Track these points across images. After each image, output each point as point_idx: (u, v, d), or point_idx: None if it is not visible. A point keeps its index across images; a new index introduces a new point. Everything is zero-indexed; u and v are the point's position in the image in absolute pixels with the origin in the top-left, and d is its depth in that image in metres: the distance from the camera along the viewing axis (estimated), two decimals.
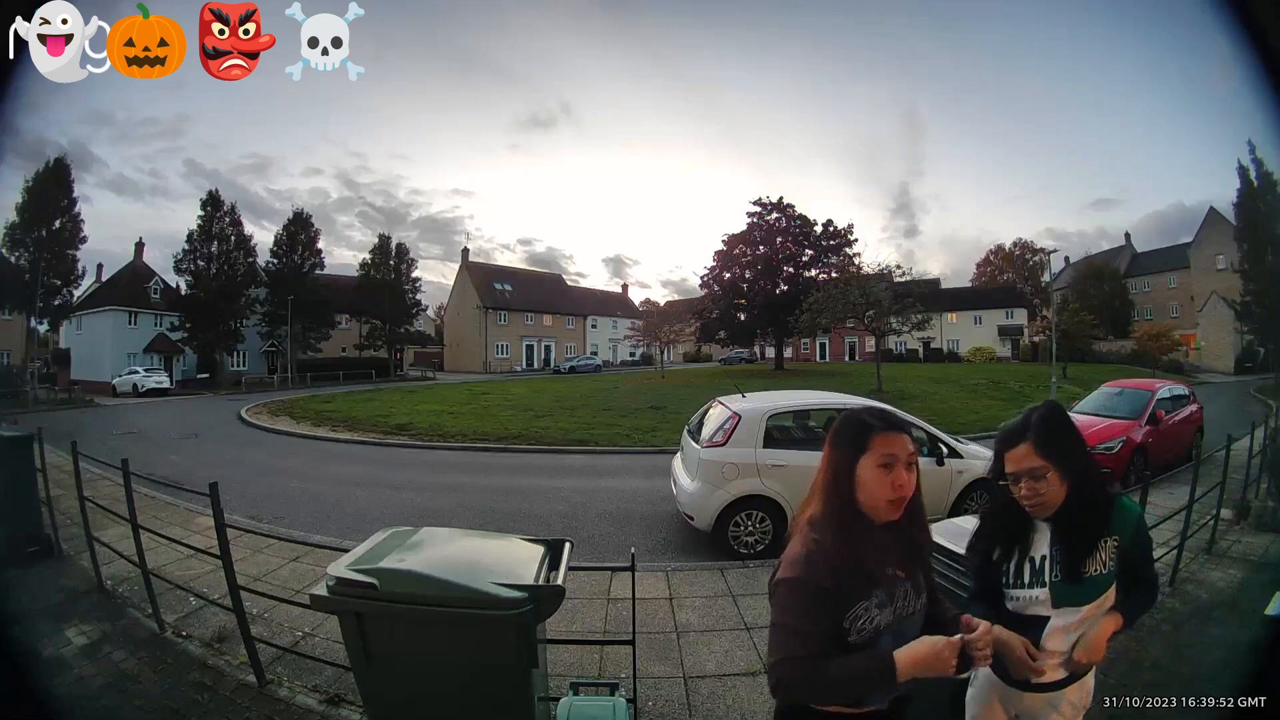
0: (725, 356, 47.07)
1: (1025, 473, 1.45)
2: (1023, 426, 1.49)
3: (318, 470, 9.53)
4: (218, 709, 2.84)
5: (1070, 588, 1.45)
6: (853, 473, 1.26)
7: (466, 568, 1.97)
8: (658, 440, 11.30)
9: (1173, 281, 42.87)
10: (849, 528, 1.23)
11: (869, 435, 1.26)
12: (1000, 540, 1.56)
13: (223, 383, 32.51)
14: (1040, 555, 1.49)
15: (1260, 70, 1.07)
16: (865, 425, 1.28)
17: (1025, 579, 1.50)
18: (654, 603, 4.10)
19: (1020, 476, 1.46)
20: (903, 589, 1.27)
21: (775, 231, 35.73)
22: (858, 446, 1.26)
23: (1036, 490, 1.44)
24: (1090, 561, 1.44)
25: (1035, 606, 1.48)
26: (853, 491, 1.25)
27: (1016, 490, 1.47)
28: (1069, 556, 1.45)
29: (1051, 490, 1.44)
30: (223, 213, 33.36)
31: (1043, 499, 1.44)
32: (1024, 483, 1.45)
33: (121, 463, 3.72)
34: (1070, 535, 1.46)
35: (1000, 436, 1.54)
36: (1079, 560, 1.45)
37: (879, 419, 1.29)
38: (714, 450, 5.20)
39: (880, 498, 1.23)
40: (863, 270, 29.38)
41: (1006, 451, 1.49)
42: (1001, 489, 1.54)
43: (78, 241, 28.56)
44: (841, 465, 1.27)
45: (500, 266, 53.50)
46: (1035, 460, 1.44)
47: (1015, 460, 1.47)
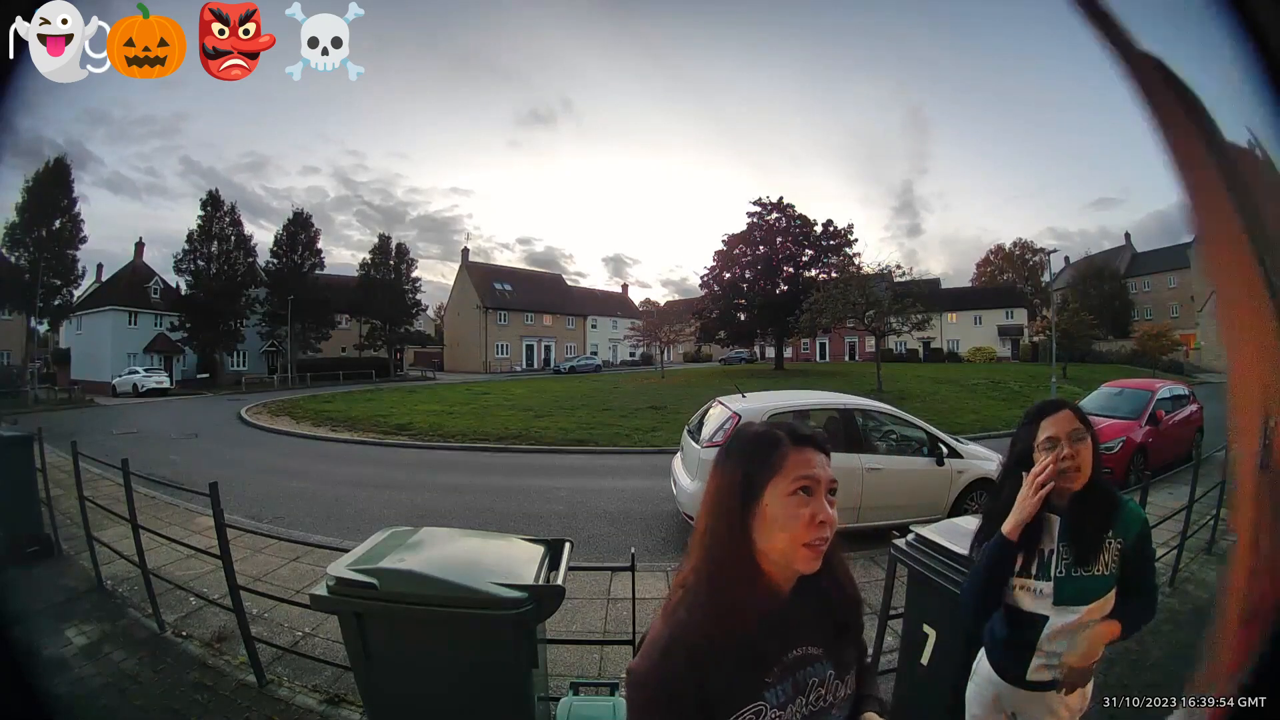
0: (725, 356, 47.07)
1: (1068, 435, 1.44)
2: (1056, 401, 1.51)
3: (318, 470, 9.53)
4: (218, 709, 2.84)
5: (1074, 584, 1.45)
6: (750, 507, 0.89)
7: (466, 568, 1.97)
8: (658, 440, 11.31)
9: (1173, 281, 42.92)
10: (736, 589, 0.87)
11: (777, 452, 0.90)
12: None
13: (223, 383, 32.53)
14: (1048, 549, 1.48)
15: (1260, 70, 1.07)
16: (772, 441, 0.92)
17: (1032, 571, 1.49)
18: (654, 603, 4.10)
19: (1060, 440, 1.44)
20: (817, 675, 0.92)
21: (775, 231, 35.73)
22: (762, 467, 0.90)
23: (1078, 453, 1.43)
24: (1095, 559, 1.44)
25: (1037, 602, 1.48)
26: (747, 534, 0.88)
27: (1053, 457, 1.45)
28: (1078, 549, 1.45)
29: (1086, 460, 1.44)
30: (223, 213, 33.43)
31: (1080, 467, 1.43)
32: (1065, 445, 1.44)
33: (121, 463, 3.72)
34: (1082, 526, 1.45)
35: (1032, 412, 1.54)
36: (1087, 554, 1.44)
37: (789, 431, 0.94)
38: (714, 450, 5.20)
39: (791, 540, 0.87)
40: (863, 270, 29.38)
41: (1046, 418, 1.48)
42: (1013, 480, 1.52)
43: (78, 241, 28.66)
44: (733, 497, 0.90)
45: (500, 266, 53.56)
46: (1076, 422, 1.45)
47: (1058, 423, 1.46)
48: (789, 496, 0.88)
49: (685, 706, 0.81)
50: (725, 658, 0.84)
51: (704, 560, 0.90)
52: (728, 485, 0.91)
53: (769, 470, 0.89)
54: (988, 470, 5.63)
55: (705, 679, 0.82)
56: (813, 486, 0.89)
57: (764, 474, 0.89)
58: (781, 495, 0.88)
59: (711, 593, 0.87)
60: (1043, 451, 1.47)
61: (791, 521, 0.87)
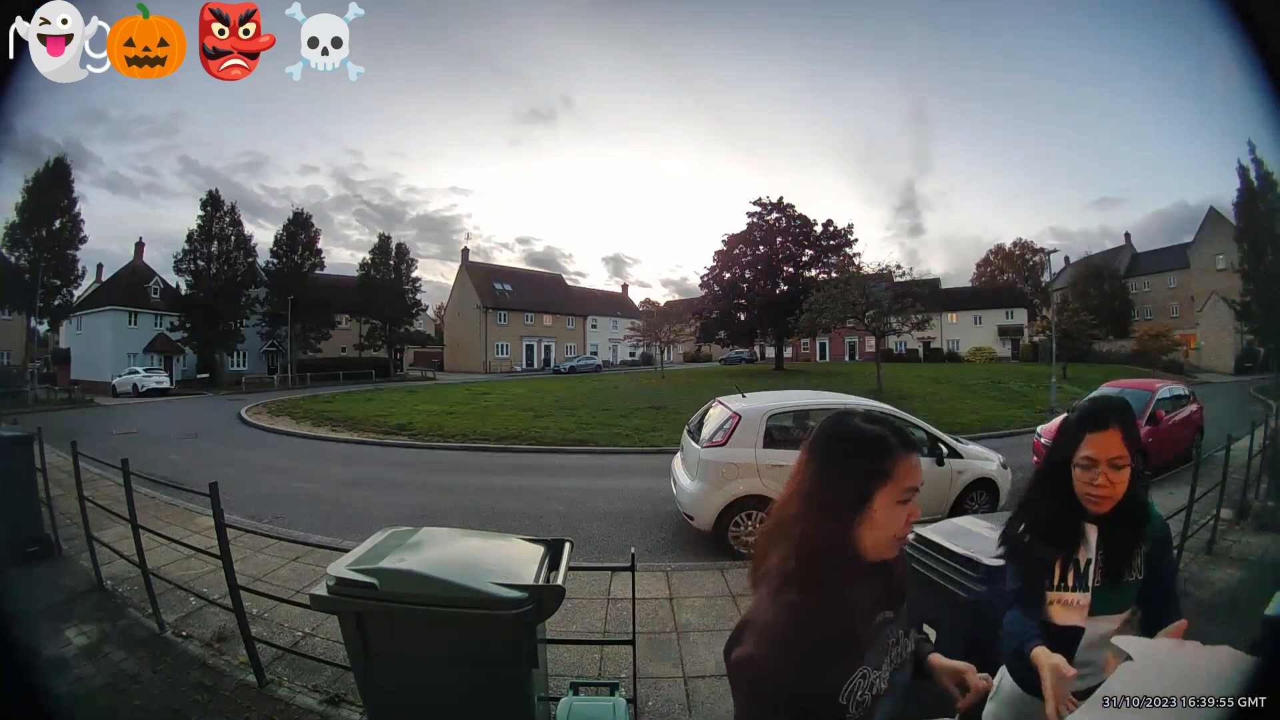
0: (725, 356, 47.07)
1: (1109, 461, 1.34)
2: (1108, 411, 1.38)
3: (318, 470, 9.53)
4: (218, 709, 2.84)
5: (1110, 594, 1.39)
6: (859, 509, 0.95)
7: (466, 568, 1.97)
8: (658, 440, 11.30)
9: (1173, 281, 42.86)
10: (840, 574, 0.94)
11: (889, 459, 0.96)
12: (1051, 539, 1.44)
13: (223, 383, 32.52)
14: (1085, 559, 1.41)
15: (1260, 70, 1.07)
16: (884, 445, 0.96)
17: (1069, 583, 1.42)
18: (654, 603, 4.10)
19: (1099, 463, 1.35)
20: (893, 635, 1.04)
21: (775, 231, 35.75)
22: (876, 474, 0.95)
23: (1113, 481, 1.35)
24: (1131, 567, 1.39)
25: (1073, 614, 1.41)
26: (855, 532, 0.95)
27: (1088, 478, 1.37)
28: (1115, 559, 1.39)
29: (1121, 485, 1.36)
30: (223, 213, 33.42)
31: (1114, 492, 1.36)
32: (1103, 471, 1.35)
33: (121, 463, 3.72)
34: (1120, 536, 1.39)
35: (1081, 418, 1.41)
36: (1125, 563, 1.39)
37: (896, 435, 0.99)
38: (714, 450, 5.20)
39: (890, 537, 0.96)
40: (862, 270, 29.39)
41: (1093, 434, 1.37)
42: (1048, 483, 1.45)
43: (78, 241, 28.65)
44: (843, 500, 0.95)
45: (500, 266, 53.53)
46: (1121, 449, 1.34)
47: (1102, 446, 1.35)
48: (896, 505, 0.95)
49: (805, 686, 0.87)
50: (832, 635, 0.90)
51: (809, 551, 0.94)
52: (837, 487, 0.96)
53: (881, 479, 0.95)
54: (988, 470, 5.63)
55: (820, 658, 0.89)
56: (912, 496, 0.97)
57: (875, 482, 0.95)
58: (890, 503, 0.95)
59: (818, 580, 0.92)
60: (1079, 468, 1.39)
61: (894, 523, 0.96)
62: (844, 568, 0.95)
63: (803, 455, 1.02)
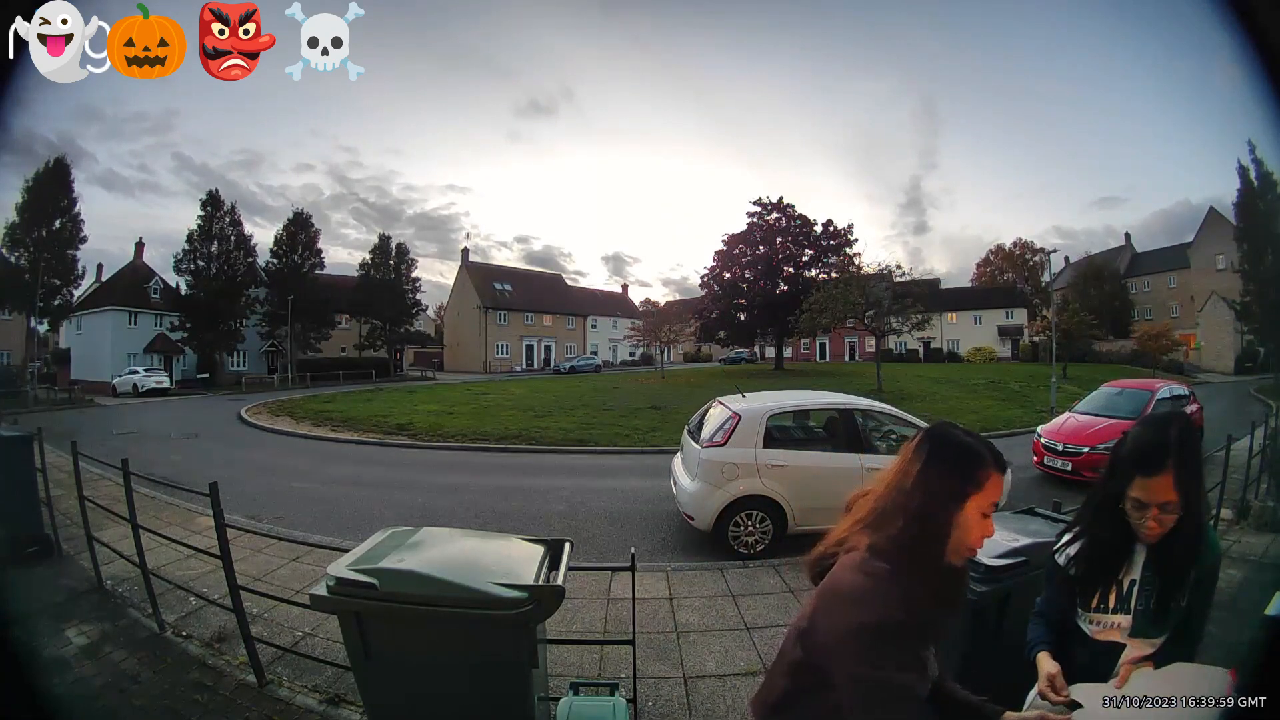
0: (725, 356, 47.08)
1: (1159, 505, 1.28)
2: (1163, 450, 1.28)
3: (318, 470, 9.52)
4: (218, 709, 2.84)
5: (1155, 619, 1.35)
6: (955, 509, 1.07)
7: (466, 568, 1.97)
8: (658, 440, 11.30)
9: (1173, 281, 42.88)
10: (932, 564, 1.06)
11: (984, 471, 1.08)
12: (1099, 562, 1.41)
13: (223, 383, 32.52)
14: (1128, 580, 1.38)
15: (1260, 70, 1.07)
16: (981, 458, 1.09)
17: (1110, 604, 1.39)
18: (654, 603, 4.10)
19: (1149, 506, 1.29)
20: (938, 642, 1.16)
21: (775, 231, 35.75)
22: (971, 481, 1.07)
23: (1163, 524, 1.29)
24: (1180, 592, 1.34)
25: (1111, 633, 1.39)
26: (949, 529, 1.07)
27: (1138, 516, 1.32)
28: (1166, 587, 1.34)
29: (1172, 522, 1.30)
30: (223, 213, 33.41)
31: (1162, 531, 1.30)
32: (1152, 514, 1.29)
33: (121, 463, 3.72)
34: (1173, 565, 1.33)
35: (1134, 456, 1.33)
36: (1174, 591, 1.33)
37: (991, 452, 1.10)
38: (714, 450, 5.20)
39: (969, 543, 1.08)
40: (863, 270, 29.40)
41: (1144, 478, 1.29)
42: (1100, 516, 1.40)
43: (78, 241, 28.61)
44: (947, 499, 1.07)
45: (500, 266, 53.53)
46: (1172, 494, 1.27)
47: (1152, 491, 1.28)
48: (981, 516, 1.07)
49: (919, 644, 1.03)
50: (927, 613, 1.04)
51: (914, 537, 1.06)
52: (946, 485, 1.07)
53: (974, 487, 1.07)
54: None
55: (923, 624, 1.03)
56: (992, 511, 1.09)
57: (970, 488, 1.07)
58: (976, 512, 1.07)
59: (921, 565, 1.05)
60: (1130, 505, 1.33)
61: (974, 531, 1.07)
62: (936, 560, 1.06)
63: (908, 451, 1.13)
